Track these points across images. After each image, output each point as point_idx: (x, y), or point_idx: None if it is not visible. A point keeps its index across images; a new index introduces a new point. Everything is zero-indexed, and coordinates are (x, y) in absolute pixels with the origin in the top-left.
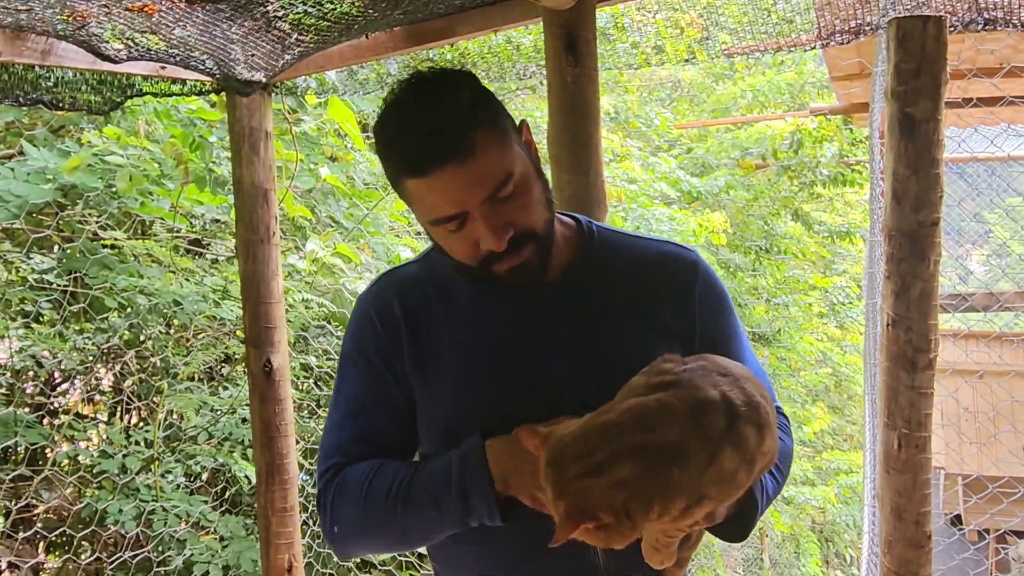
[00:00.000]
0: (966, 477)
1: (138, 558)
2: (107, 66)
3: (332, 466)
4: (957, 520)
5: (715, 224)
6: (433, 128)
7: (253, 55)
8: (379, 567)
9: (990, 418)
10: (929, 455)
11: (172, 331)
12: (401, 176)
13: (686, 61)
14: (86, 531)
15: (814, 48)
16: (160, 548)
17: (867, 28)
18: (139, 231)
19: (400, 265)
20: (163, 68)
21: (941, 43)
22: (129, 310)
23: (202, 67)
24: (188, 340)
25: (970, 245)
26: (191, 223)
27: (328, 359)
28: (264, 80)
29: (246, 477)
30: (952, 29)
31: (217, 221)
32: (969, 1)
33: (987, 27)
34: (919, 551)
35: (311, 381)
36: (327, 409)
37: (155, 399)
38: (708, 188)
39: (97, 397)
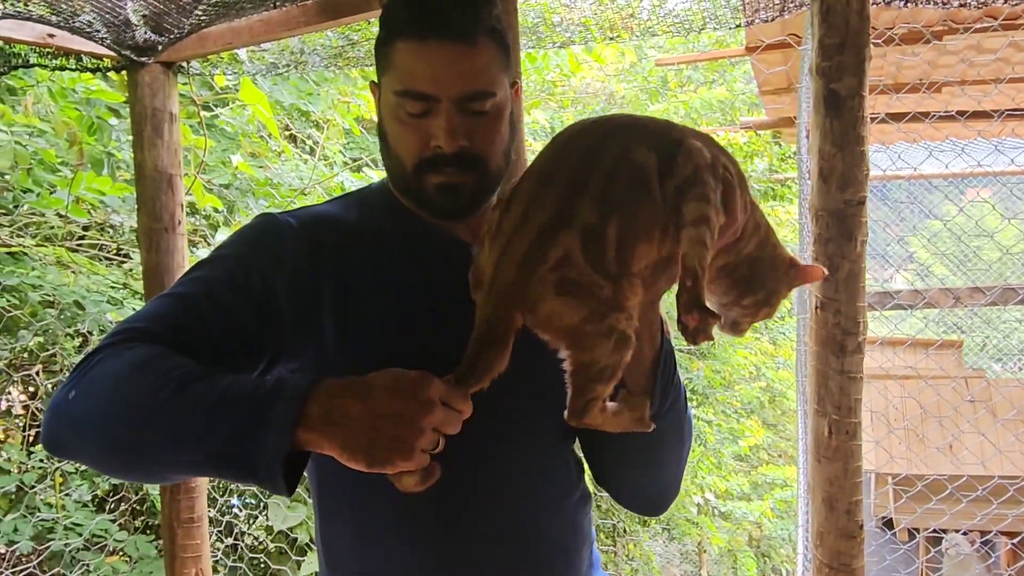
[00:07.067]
0: (895, 476)
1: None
2: None
3: (127, 329)
4: (889, 524)
5: None
6: (453, 4)
7: (145, 15)
8: None
9: (919, 417)
10: (860, 442)
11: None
12: (396, 35)
13: (611, 39)
14: None
15: (739, 26)
16: (58, 568)
17: (792, 5)
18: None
19: (315, 205)
20: (51, 36)
21: (864, 17)
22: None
23: (90, 30)
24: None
25: (894, 269)
26: (111, 234)
27: None
28: (160, 46)
29: (159, 495)
30: (876, 4)
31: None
32: None
33: (909, 3)
34: (851, 542)
35: None
36: None
37: None
38: None
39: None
